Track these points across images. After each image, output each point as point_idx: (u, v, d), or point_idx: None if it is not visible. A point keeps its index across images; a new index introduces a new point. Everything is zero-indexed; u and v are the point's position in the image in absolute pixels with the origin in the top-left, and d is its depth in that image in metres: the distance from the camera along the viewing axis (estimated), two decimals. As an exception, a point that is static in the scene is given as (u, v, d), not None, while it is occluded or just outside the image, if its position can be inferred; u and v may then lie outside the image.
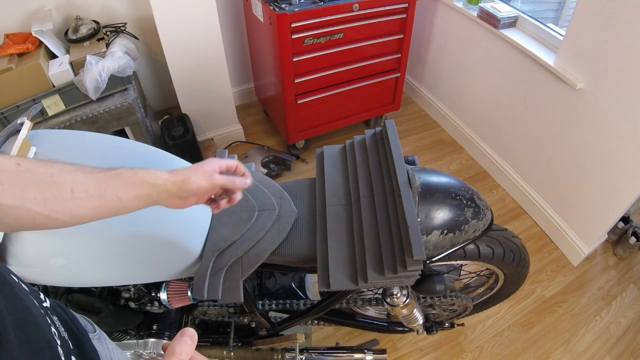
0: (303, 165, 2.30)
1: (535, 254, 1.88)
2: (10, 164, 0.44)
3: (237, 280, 0.79)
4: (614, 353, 1.55)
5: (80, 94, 1.64)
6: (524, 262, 1.10)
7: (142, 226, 0.75)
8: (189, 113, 2.13)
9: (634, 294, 1.74)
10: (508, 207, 2.11)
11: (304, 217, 0.90)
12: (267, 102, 2.45)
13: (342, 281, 0.77)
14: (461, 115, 2.43)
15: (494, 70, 2.04)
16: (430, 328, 1.29)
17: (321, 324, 1.28)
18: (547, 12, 2.84)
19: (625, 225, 1.87)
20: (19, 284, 0.44)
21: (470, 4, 2.06)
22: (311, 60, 1.89)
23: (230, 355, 1.17)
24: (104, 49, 1.69)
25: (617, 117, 1.49)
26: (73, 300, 0.88)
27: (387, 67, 2.18)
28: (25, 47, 1.59)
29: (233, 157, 0.96)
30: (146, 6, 1.79)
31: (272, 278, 1.33)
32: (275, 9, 1.70)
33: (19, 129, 0.75)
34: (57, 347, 0.42)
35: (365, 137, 0.99)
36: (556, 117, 1.76)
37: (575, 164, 1.74)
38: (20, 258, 0.68)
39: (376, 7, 1.86)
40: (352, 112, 2.30)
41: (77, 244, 0.71)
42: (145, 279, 0.84)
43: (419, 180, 0.85)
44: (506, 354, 1.55)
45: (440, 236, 0.83)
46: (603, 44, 1.45)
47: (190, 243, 0.81)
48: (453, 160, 2.37)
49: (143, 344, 1.03)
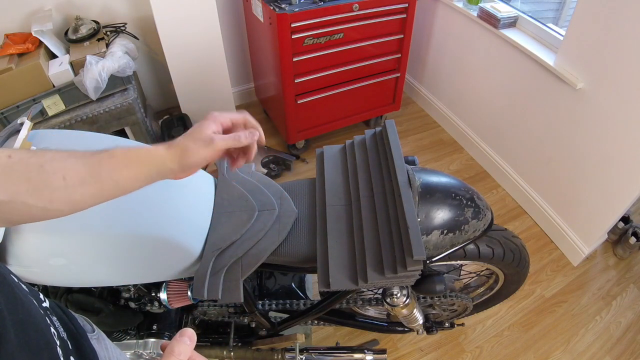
0: (303, 165, 2.30)
1: (535, 254, 1.88)
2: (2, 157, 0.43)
3: (237, 280, 0.79)
4: (614, 353, 1.55)
5: (80, 94, 1.65)
6: (524, 262, 1.10)
7: (142, 226, 0.75)
8: (189, 113, 2.13)
9: (634, 294, 1.74)
10: (508, 207, 2.11)
11: (304, 217, 0.90)
12: (267, 102, 2.44)
13: (342, 281, 0.77)
14: (461, 115, 2.43)
15: (494, 70, 2.04)
16: (430, 328, 1.29)
17: (321, 324, 1.28)
18: (547, 12, 2.84)
19: (625, 225, 1.87)
20: (19, 284, 0.43)
21: (470, 4, 2.06)
22: (311, 60, 1.89)
23: (230, 355, 1.17)
24: (104, 49, 1.69)
25: (617, 117, 1.49)
26: (73, 300, 0.88)
27: (387, 67, 2.18)
28: (25, 47, 1.59)
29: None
30: (146, 6, 1.79)
31: (272, 278, 1.33)
32: (275, 9, 1.70)
33: (19, 129, 0.75)
34: (56, 347, 0.42)
35: (365, 137, 0.99)
36: (556, 117, 1.76)
37: (575, 164, 1.74)
38: (20, 258, 0.68)
39: (376, 7, 1.86)
40: (352, 112, 2.30)
41: (77, 244, 0.71)
42: (145, 279, 0.84)
43: (419, 180, 0.85)
44: (506, 354, 1.55)
45: (440, 236, 0.83)
46: (603, 44, 1.45)
47: (190, 243, 0.81)
48: (453, 160, 2.37)
49: (143, 344, 1.03)
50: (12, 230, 0.67)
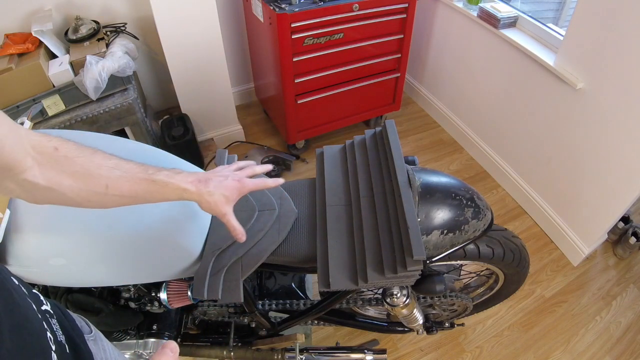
0: (303, 165, 2.30)
1: (535, 254, 1.88)
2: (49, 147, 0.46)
3: (237, 280, 0.79)
4: (614, 353, 1.55)
5: (80, 94, 1.64)
6: (524, 262, 1.10)
7: (142, 226, 0.75)
8: (189, 113, 2.13)
9: (634, 294, 1.74)
10: (508, 207, 2.11)
11: (304, 217, 0.90)
12: (267, 102, 2.45)
13: (342, 281, 0.77)
14: (461, 115, 2.43)
15: (494, 70, 2.04)
16: (430, 328, 1.29)
17: (321, 324, 1.28)
18: (547, 12, 2.84)
19: (625, 225, 1.87)
20: (19, 287, 0.43)
21: (470, 4, 2.06)
22: (311, 60, 1.89)
23: (230, 355, 1.17)
24: (104, 49, 1.69)
25: (617, 117, 1.49)
26: (73, 300, 0.88)
27: (387, 67, 2.18)
28: (25, 47, 1.59)
29: (233, 157, 0.96)
30: (146, 6, 1.79)
31: (272, 278, 1.33)
32: (275, 9, 1.70)
33: (19, 129, 0.75)
34: (51, 353, 0.42)
35: (365, 137, 0.99)
36: (556, 117, 1.76)
37: (575, 164, 1.74)
38: (20, 258, 0.68)
39: (376, 7, 1.86)
40: (352, 112, 2.30)
41: (77, 244, 0.71)
42: (145, 279, 0.84)
43: (419, 180, 0.85)
44: (506, 354, 1.55)
45: (440, 236, 0.83)
46: (603, 44, 1.45)
47: (190, 243, 0.81)
48: (453, 160, 2.37)
49: (143, 344, 1.03)
50: (12, 230, 0.67)
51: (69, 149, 0.47)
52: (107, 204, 0.52)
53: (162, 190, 0.55)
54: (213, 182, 0.61)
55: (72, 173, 0.46)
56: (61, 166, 0.46)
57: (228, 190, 0.63)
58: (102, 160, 0.49)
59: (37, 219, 0.69)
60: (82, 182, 0.47)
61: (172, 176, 0.57)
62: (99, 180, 0.48)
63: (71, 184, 0.46)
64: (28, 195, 0.47)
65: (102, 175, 0.49)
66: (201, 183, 0.60)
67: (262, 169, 0.74)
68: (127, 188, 0.51)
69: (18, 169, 0.43)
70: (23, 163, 0.43)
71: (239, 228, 0.68)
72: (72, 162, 0.46)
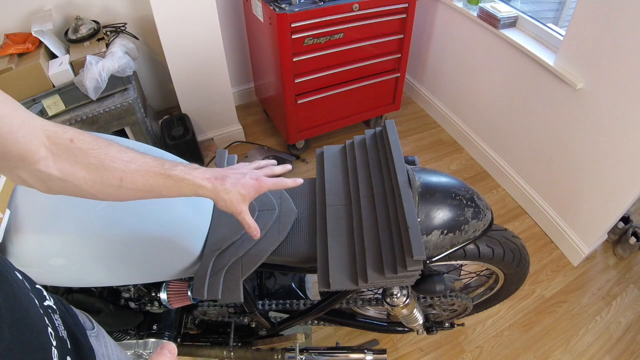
0: (303, 165, 2.30)
1: (535, 254, 1.88)
2: (64, 138, 0.46)
3: (237, 280, 0.79)
4: (614, 353, 1.55)
5: (80, 94, 1.64)
6: (524, 262, 1.10)
7: (142, 226, 0.75)
8: (189, 113, 2.13)
9: (634, 294, 1.74)
10: (508, 207, 2.11)
11: (304, 217, 0.90)
12: (267, 102, 2.45)
13: (342, 281, 0.77)
14: (461, 115, 2.43)
15: (494, 70, 2.04)
16: (430, 328, 1.29)
17: (321, 324, 1.28)
18: (547, 12, 2.83)
19: (625, 225, 1.87)
20: (22, 282, 0.43)
21: (470, 4, 2.06)
22: (311, 60, 1.89)
23: (230, 355, 1.17)
24: (104, 49, 1.69)
25: (617, 117, 1.49)
26: (73, 300, 0.88)
27: (387, 67, 2.18)
28: (25, 47, 1.59)
29: (233, 157, 0.96)
30: (146, 6, 1.79)
31: (272, 278, 1.33)
32: (275, 9, 1.70)
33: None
34: (51, 348, 0.42)
35: (365, 137, 0.99)
36: (556, 117, 1.76)
37: (575, 164, 1.74)
38: (20, 258, 0.68)
39: (376, 7, 1.86)
40: (352, 112, 2.30)
41: (77, 244, 0.71)
42: (145, 279, 0.84)
43: (419, 180, 0.85)
44: (506, 354, 1.55)
45: (440, 236, 0.83)
46: (603, 44, 1.45)
47: (190, 243, 0.81)
48: (453, 160, 2.37)
49: (143, 344, 1.03)
50: (12, 230, 0.67)
51: (85, 141, 0.47)
52: (121, 196, 0.52)
53: (178, 185, 0.54)
54: (230, 179, 0.61)
55: (87, 165, 0.46)
56: (76, 158, 0.46)
57: (245, 189, 0.62)
58: (118, 154, 0.49)
59: (37, 219, 0.69)
60: (96, 174, 0.47)
61: (189, 172, 0.56)
62: (113, 173, 0.48)
63: (85, 175, 0.47)
64: (42, 185, 0.47)
65: (117, 169, 0.49)
66: (218, 180, 0.59)
67: (281, 169, 0.73)
68: (142, 182, 0.51)
69: (32, 159, 0.43)
70: (37, 153, 0.44)
71: (253, 225, 0.67)
72: (87, 154, 0.47)
